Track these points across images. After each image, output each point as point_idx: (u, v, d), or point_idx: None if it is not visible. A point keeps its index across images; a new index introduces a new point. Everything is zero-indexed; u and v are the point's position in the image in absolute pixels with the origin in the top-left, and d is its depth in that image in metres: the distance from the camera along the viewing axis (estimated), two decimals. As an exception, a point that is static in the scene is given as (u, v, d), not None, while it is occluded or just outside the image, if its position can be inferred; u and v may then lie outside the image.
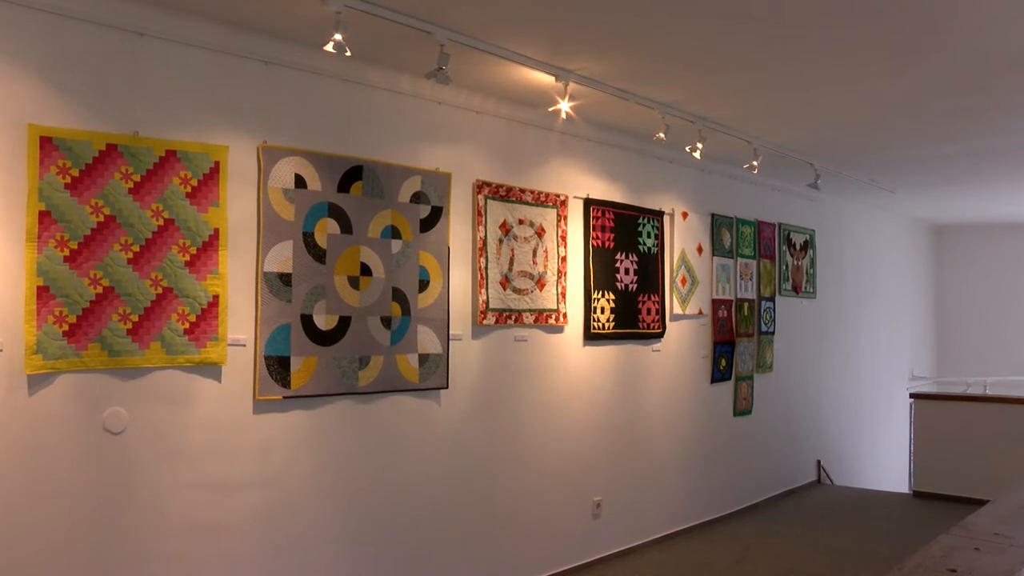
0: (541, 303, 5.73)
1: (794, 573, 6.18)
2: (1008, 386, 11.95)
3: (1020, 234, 13.31)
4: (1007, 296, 13.45)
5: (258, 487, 4.28)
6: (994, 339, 13.41)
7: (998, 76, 5.11)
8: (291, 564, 4.42)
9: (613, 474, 6.42)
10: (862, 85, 5.32)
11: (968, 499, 7.50)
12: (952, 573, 2.54)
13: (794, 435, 8.92)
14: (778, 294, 8.57)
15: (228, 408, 4.16)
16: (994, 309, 13.51)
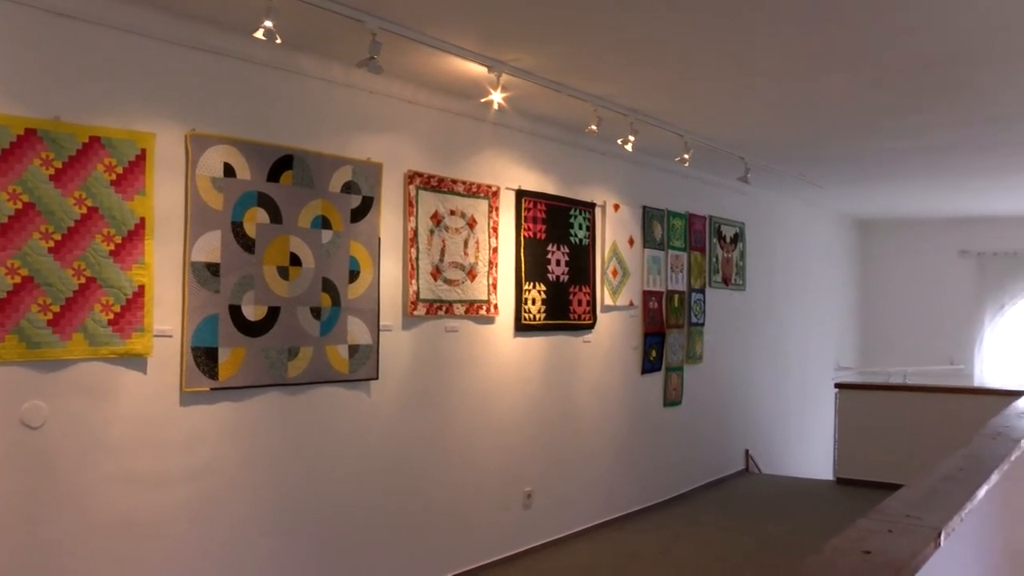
0: (472, 294, 5.75)
1: (721, 561, 6.30)
2: (927, 376, 12.33)
3: (941, 229, 13.71)
4: (927, 289, 13.86)
5: (186, 481, 4.22)
6: (915, 331, 13.81)
7: (922, 77, 5.26)
8: (222, 559, 4.37)
9: (544, 465, 6.47)
10: (793, 82, 5.42)
11: (888, 484, 7.69)
12: (867, 555, 2.62)
13: (723, 425, 9.09)
14: (708, 286, 8.71)
15: (154, 400, 4.10)
16: (915, 302, 13.91)
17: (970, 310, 13.76)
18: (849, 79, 5.36)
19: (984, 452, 4.65)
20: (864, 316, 14.14)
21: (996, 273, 13.65)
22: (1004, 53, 4.83)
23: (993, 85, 5.50)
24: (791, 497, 8.55)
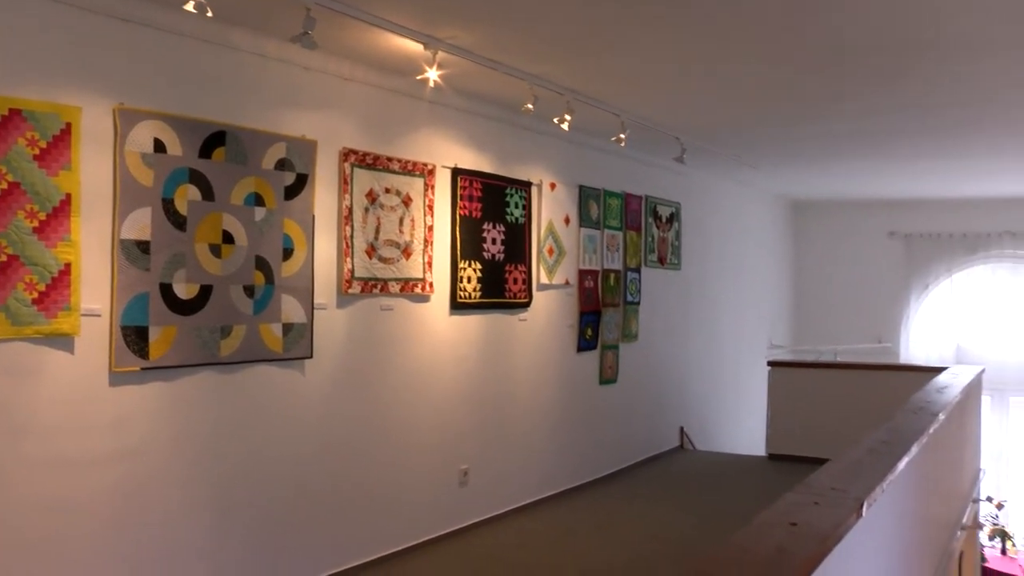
0: (407, 272, 5.73)
1: (655, 537, 6.41)
2: (856, 353, 12.65)
3: (871, 211, 14.03)
4: (857, 270, 14.19)
5: (116, 462, 4.16)
6: (845, 310, 14.13)
7: (858, 64, 5.37)
8: (154, 541, 4.32)
9: (480, 443, 6.50)
10: (729, 66, 5.50)
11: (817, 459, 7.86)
12: (793, 526, 2.69)
13: (658, 403, 9.21)
14: (644, 265, 8.80)
15: (81, 380, 4.02)
16: (846, 282, 14.23)
17: (897, 290, 14.12)
18: (785, 65, 5.44)
19: (906, 426, 4.80)
20: (796, 295, 14.42)
21: (922, 254, 14.03)
22: (932, 41, 4.96)
23: (926, 73, 5.64)
24: (724, 473, 8.71)
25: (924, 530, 5.37)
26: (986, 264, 13.95)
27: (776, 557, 2.37)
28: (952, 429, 6.54)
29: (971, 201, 13.41)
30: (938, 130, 7.54)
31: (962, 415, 7.26)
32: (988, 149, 8.66)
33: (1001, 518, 13.30)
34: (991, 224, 13.56)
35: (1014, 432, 14.01)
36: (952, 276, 14.08)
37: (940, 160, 9.38)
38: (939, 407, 5.67)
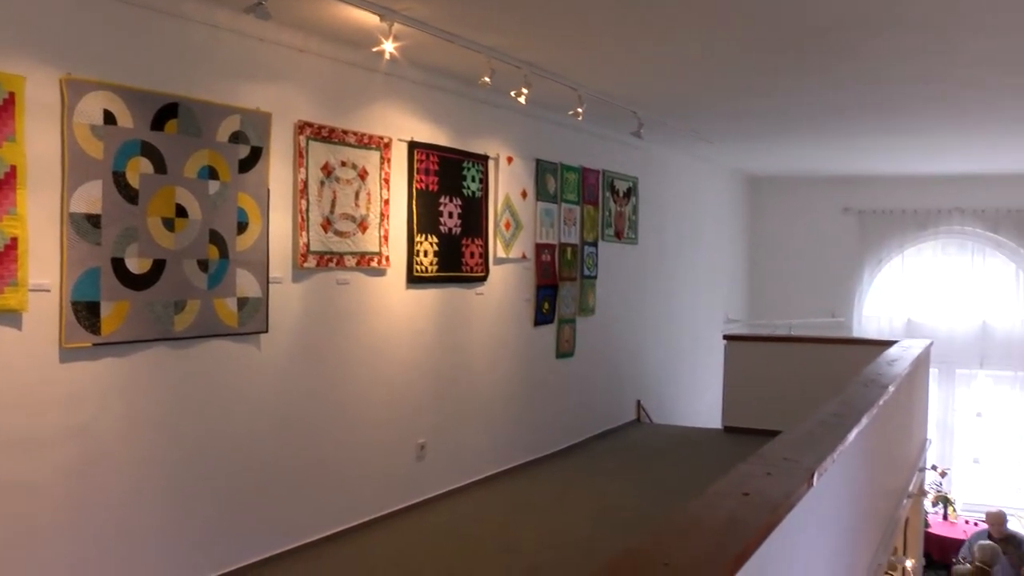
0: (363, 246, 5.70)
1: (611, 508, 6.47)
2: (810, 328, 12.81)
3: (826, 187, 14.20)
4: (812, 245, 14.37)
5: (68, 440, 4.09)
6: (800, 284, 14.31)
7: (814, 40, 5.41)
8: (111, 520, 4.28)
9: (437, 416, 6.51)
10: (686, 40, 5.51)
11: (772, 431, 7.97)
12: (745, 496, 2.74)
13: (615, 376, 9.28)
14: (601, 239, 8.83)
15: (30, 357, 3.94)
16: (800, 257, 14.41)
17: (851, 265, 14.33)
18: (741, 40, 5.47)
19: (856, 398, 4.88)
20: (752, 270, 14.57)
21: (875, 230, 14.24)
22: (891, 20, 5.01)
23: (880, 50, 5.70)
24: (680, 446, 8.81)
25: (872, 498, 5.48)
26: (936, 240, 14.20)
27: (728, 526, 2.41)
28: (901, 401, 6.66)
29: (922, 178, 13.63)
30: (891, 107, 7.64)
31: (911, 387, 7.40)
32: (939, 127, 8.80)
33: (944, 485, 13.62)
34: (941, 201, 13.79)
35: (959, 403, 14.32)
36: (904, 252, 14.32)
37: (893, 137, 9.51)
38: (889, 380, 5.77)
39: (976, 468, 14.27)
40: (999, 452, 14.20)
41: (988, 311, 13.99)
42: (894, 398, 5.79)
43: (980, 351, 13.97)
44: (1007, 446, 14.17)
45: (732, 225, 13.50)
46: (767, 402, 8.87)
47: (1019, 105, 7.65)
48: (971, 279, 14.08)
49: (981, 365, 14.07)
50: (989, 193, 13.54)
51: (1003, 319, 13.95)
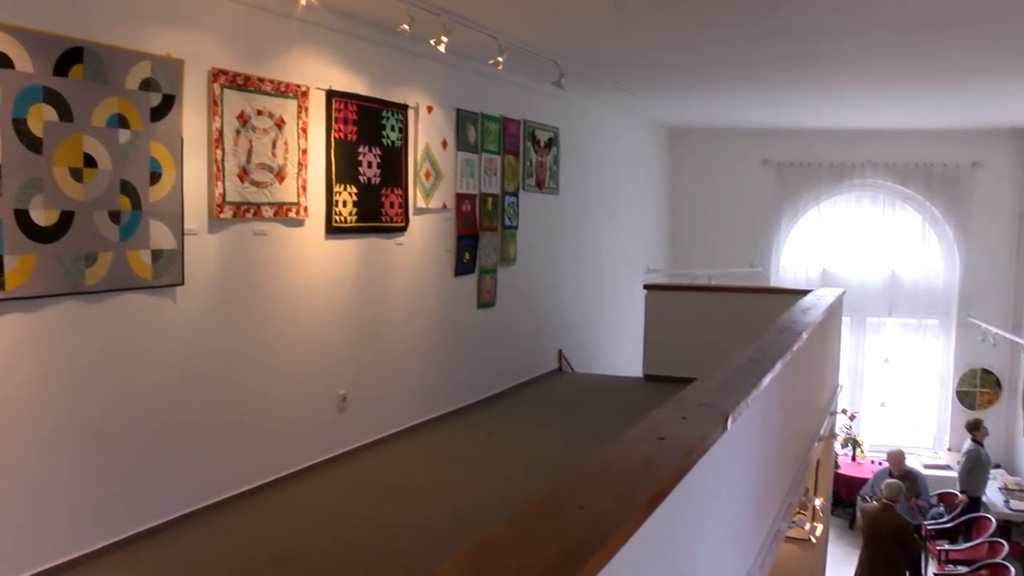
0: (281, 196, 5.61)
1: (533, 456, 6.56)
2: (729, 278, 13.07)
3: (745, 139, 14.40)
4: (731, 196, 14.59)
5: (-28, 395, 3.98)
6: (719, 235, 14.56)
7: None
8: (22, 482, 4.16)
9: (358, 368, 6.48)
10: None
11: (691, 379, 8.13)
12: (661, 440, 2.81)
13: (537, 326, 9.34)
14: (522, 189, 8.83)
15: (-68, 311, 3.81)
16: (720, 208, 14.63)
17: (769, 216, 14.62)
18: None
19: (771, 345, 5.01)
20: (673, 221, 14.75)
21: (793, 182, 14.53)
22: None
23: (802, 4, 5.75)
24: (601, 394, 8.94)
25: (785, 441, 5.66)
26: (850, 192, 14.57)
27: (643, 469, 2.46)
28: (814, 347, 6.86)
29: (838, 132, 13.93)
30: (810, 62, 7.75)
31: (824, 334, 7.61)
32: (853, 81, 8.97)
33: (853, 428, 14.14)
34: (855, 154, 14.13)
35: (869, 349, 14.81)
36: (820, 203, 14.66)
37: (811, 91, 9.67)
38: (803, 327, 5.93)
39: (882, 411, 14.82)
40: (903, 396, 14.76)
41: (897, 261, 14.45)
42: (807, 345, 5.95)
43: (889, 300, 14.45)
44: (911, 390, 14.75)
45: (653, 176, 13.62)
46: (687, 350, 9.03)
47: (927, 64, 7.86)
48: (882, 231, 14.51)
49: (890, 313, 14.55)
50: (899, 148, 13.93)
51: (910, 269, 14.43)
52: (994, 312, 13.73)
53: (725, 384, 3.76)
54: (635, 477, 2.39)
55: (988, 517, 11.60)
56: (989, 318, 13.57)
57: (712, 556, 3.60)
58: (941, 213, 14.12)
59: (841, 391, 10.81)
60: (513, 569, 1.88)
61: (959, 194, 13.92)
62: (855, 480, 12.82)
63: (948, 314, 14.29)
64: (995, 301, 13.83)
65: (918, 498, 11.44)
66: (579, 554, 1.90)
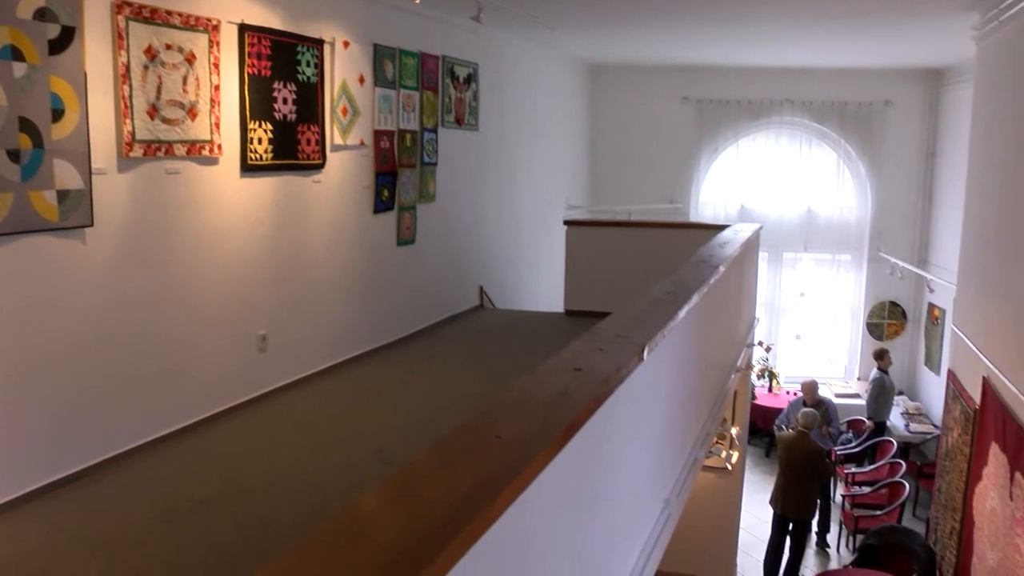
0: (194, 134, 5.45)
1: (454, 390, 6.59)
2: (649, 213, 13.21)
3: (665, 76, 14.46)
4: (652, 134, 14.69)
5: None
6: (640, 172, 14.67)
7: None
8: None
9: (277, 307, 6.41)
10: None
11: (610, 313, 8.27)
12: (578, 371, 2.84)
13: (457, 263, 9.33)
14: (441, 126, 8.74)
15: None
16: (640, 145, 14.73)
17: (688, 153, 14.76)
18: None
19: (688, 278, 5.09)
20: (593, 158, 14.80)
21: (712, 119, 14.68)
22: None
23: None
24: (523, 329, 9.00)
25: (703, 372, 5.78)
26: (768, 130, 14.78)
27: (560, 400, 2.50)
28: (731, 281, 6.99)
29: (757, 70, 14.07)
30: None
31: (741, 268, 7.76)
32: (770, 19, 9.04)
33: (769, 360, 14.55)
34: (773, 92, 14.32)
35: (785, 284, 15.18)
36: (738, 141, 14.85)
37: (730, 28, 9.71)
38: (720, 261, 6.03)
39: (798, 344, 15.27)
40: (818, 328, 15.22)
41: (813, 198, 14.77)
42: (724, 278, 6.07)
43: (805, 235, 14.80)
44: (824, 323, 15.20)
45: (573, 112, 13.61)
46: (607, 285, 9.13)
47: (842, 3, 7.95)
48: (798, 168, 14.79)
49: (805, 248, 14.92)
50: (815, 86, 14.16)
51: (825, 206, 14.77)
52: (902, 247, 14.17)
53: (641, 316, 3.82)
54: (551, 408, 2.42)
55: (891, 440, 12.14)
56: (897, 253, 14.01)
57: (630, 484, 3.69)
58: (855, 151, 14.43)
59: (758, 324, 11.09)
60: (431, 499, 1.90)
61: (872, 132, 14.24)
62: (771, 410, 13.21)
63: (860, 249, 14.70)
64: (903, 236, 14.28)
65: (829, 425, 11.85)
66: (495, 483, 1.93)
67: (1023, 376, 6.89)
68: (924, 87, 14.01)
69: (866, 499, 11.20)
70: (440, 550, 1.66)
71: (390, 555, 1.65)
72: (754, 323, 10.37)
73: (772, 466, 12.03)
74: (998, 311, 7.82)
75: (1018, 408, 6.88)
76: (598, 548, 3.19)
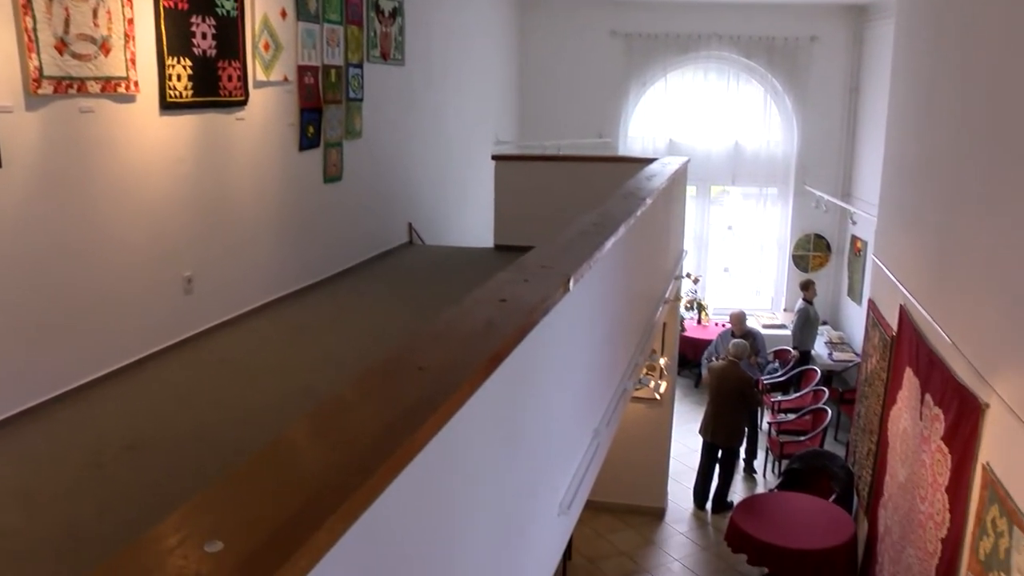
0: (108, 70, 5.26)
1: (385, 328, 6.58)
2: (578, 148, 13.22)
3: (594, 9, 14.37)
4: (580, 68, 14.64)
5: None
6: (568, 107, 14.65)
7: None
8: None
9: (204, 248, 6.28)
10: None
11: (539, 250, 8.33)
12: (503, 302, 2.85)
13: (386, 199, 9.24)
14: (366, 61, 8.57)
15: None
16: (569, 80, 14.68)
17: (617, 87, 14.76)
18: None
19: (615, 210, 5.12)
20: (522, 93, 14.71)
21: (640, 53, 14.66)
22: None
23: None
24: (453, 265, 8.99)
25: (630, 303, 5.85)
26: (696, 64, 14.83)
27: (484, 331, 2.51)
28: (658, 213, 7.05)
29: (685, 4, 14.09)
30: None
31: (668, 201, 7.83)
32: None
33: (698, 292, 14.81)
34: (702, 26, 14.34)
35: (713, 217, 15.39)
36: (667, 75, 14.88)
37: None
38: (647, 193, 6.08)
39: (726, 276, 15.55)
40: (745, 261, 15.50)
41: (740, 132, 14.92)
42: (651, 210, 6.12)
43: (732, 169, 14.98)
44: (752, 255, 15.49)
45: (502, 47, 13.47)
46: (536, 220, 9.11)
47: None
48: (726, 102, 14.90)
49: (733, 182, 15.10)
50: (743, 21, 14.22)
51: (752, 140, 14.94)
52: (827, 181, 14.45)
53: (567, 248, 3.84)
54: (476, 338, 2.43)
55: (815, 368, 12.52)
56: (822, 186, 14.27)
57: (559, 414, 3.74)
58: (781, 86, 14.58)
59: (686, 256, 11.24)
60: (355, 429, 1.90)
61: (798, 68, 14.39)
62: (700, 342, 13.48)
63: (786, 183, 14.95)
64: (828, 170, 14.54)
65: (757, 355, 12.15)
66: (418, 414, 1.94)
67: (936, 304, 7.13)
68: (849, 23, 14.16)
69: (791, 425, 11.57)
70: (363, 481, 1.67)
71: (313, 487, 1.65)
72: (682, 255, 10.51)
73: (701, 397, 12.30)
74: (915, 242, 8.04)
75: (930, 334, 7.12)
76: (528, 478, 3.24)
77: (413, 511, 2.08)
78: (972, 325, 6.31)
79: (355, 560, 1.74)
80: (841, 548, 8.30)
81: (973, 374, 6.08)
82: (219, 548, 1.41)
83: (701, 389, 13.12)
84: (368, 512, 1.69)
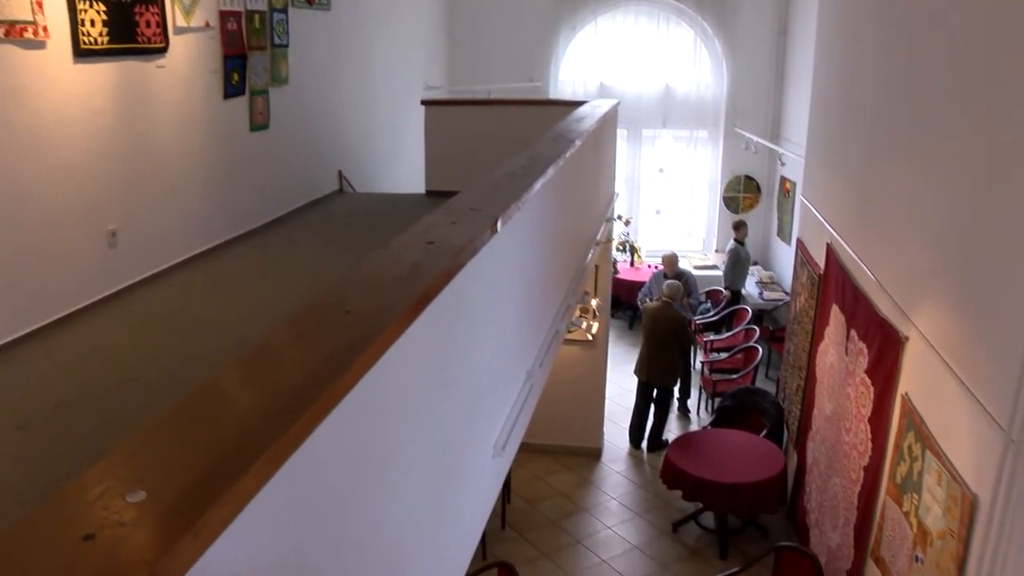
0: (11, 14, 5.02)
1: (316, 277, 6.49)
2: (508, 92, 13.13)
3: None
4: (510, 13, 14.52)
5: None
6: (498, 51, 14.52)
7: None
8: None
9: (127, 200, 6.12)
10: None
11: (472, 196, 8.29)
12: (430, 244, 2.84)
13: (314, 147, 9.10)
14: (291, 6, 8.37)
15: None
16: (499, 24, 14.53)
17: (547, 31, 14.66)
18: None
19: (544, 152, 5.11)
20: (451, 37, 14.53)
21: (569, -3, 14.59)
22: None
23: None
24: (384, 212, 8.92)
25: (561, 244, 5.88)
26: (627, 8, 14.78)
27: (411, 273, 2.50)
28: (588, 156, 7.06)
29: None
30: None
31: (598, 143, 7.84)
32: None
33: (630, 235, 14.93)
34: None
35: (644, 160, 15.47)
36: (597, 19, 14.82)
37: None
38: (576, 135, 6.08)
39: (658, 219, 15.69)
40: (677, 203, 15.65)
41: (671, 75, 14.97)
42: (581, 152, 6.13)
43: (663, 112, 15.04)
44: (683, 197, 15.64)
45: (430, -9, 13.27)
46: (467, 164, 9.05)
47: None
48: (656, 45, 14.91)
49: (664, 125, 15.17)
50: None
51: (683, 83, 15.00)
52: (756, 122, 14.58)
53: (496, 190, 3.83)
54: (402, 281, 2.42)
55: (746, 308, 12.76)
56: (752, 128, 14.41)
57: (490, 356, 3.76)
58: (711, 28, 14.61)
59: (617, 199, 11.30)
60: (280, 375, 1.89)
61: (727, 10, 14.43)
62: (634, 284, 13.62)
63: (716, 125, 15.06)
64: (757, 112, 14.68)
65: (689, 296, 12.33)
66: (345, 357, 1.93)
67: (860, 241, 7.30)
68: (776, -36, 14.22)
69: (723, 364, 11.80)
70: (288, 426, 1.66)
71: (238, 433, 1.64)
72: (613, 198, 10.57)
73: (636, 338, 12.46)
74: (840, 183, 8.19)
75: (855, 271, 7.30)
76: (460, 420, 3.26)
77: (343, 455, 2.08)
78: (894, 262, 6.48)
79: (283, 505, 1.74)
80: (772, 480, 8.55)
81: (895, 309, 6.26)
82: (142, 497, 1.39)
83: (635, 331, 13.30)
84: (295, 457, 1.69)
